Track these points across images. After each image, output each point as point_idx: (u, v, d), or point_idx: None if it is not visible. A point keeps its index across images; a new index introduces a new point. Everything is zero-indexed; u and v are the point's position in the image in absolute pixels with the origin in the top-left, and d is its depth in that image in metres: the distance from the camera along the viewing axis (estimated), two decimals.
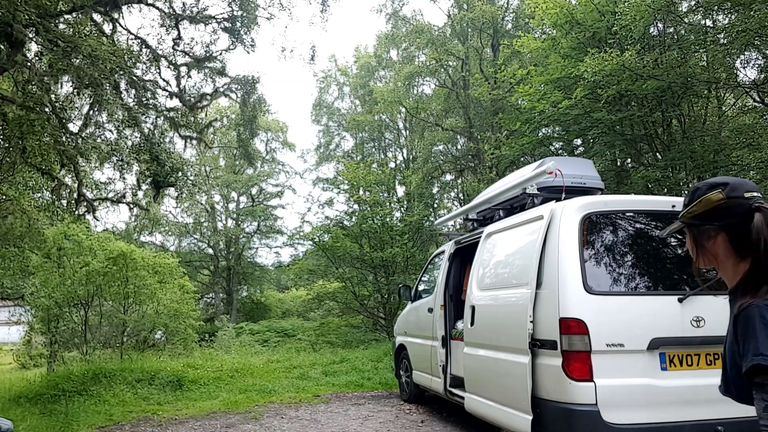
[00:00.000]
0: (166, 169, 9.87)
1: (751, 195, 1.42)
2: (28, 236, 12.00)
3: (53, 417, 6.38)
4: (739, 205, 1.40)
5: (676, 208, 3.78)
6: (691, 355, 3.40)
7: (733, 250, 1.45)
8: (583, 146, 11.98)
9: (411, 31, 18.70)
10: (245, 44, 11.26)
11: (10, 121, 8.69)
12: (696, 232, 1.53)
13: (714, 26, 8.49)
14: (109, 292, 9.53)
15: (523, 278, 3.80)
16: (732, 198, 1.42)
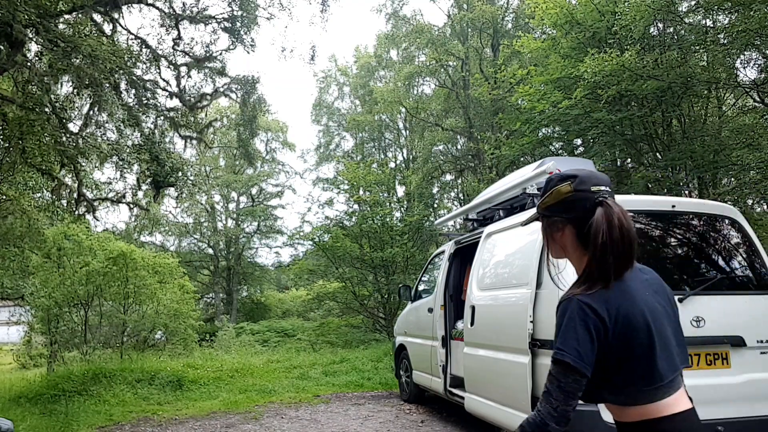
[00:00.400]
0: (166, 169, 9.87)
1: (598, 189, 1.40)
2: (28, 236, 12.00)
3: (53, 417, 6.38)
4: (585, 198, 1.39)
5: (676, 208, 3.78)
6: (690, 355, 3.40)
7: (578, 243, 1.43)
8: (583, 146, 11.99)
9: (411, 31, 18.70)
10: (245, 44, 11.26)
11: (10, 121, 8.69)
12: (547, 223, 1.51)
13: (714, 26, 8.49)
14: (109, 292, 9.54)
15: (523, 278, 3.80)
16: (579, 191, 1.40)
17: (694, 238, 3.89)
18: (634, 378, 1.31)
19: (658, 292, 1.42)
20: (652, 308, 1.35)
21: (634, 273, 1.39)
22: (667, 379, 1.31)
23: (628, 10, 8.27)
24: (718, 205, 4.06)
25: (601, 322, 1.30)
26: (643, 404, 1.31)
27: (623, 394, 1.34)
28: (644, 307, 1.34)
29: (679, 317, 1.45)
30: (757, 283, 3.72)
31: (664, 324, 1.36)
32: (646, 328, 1.32)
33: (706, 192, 9.11)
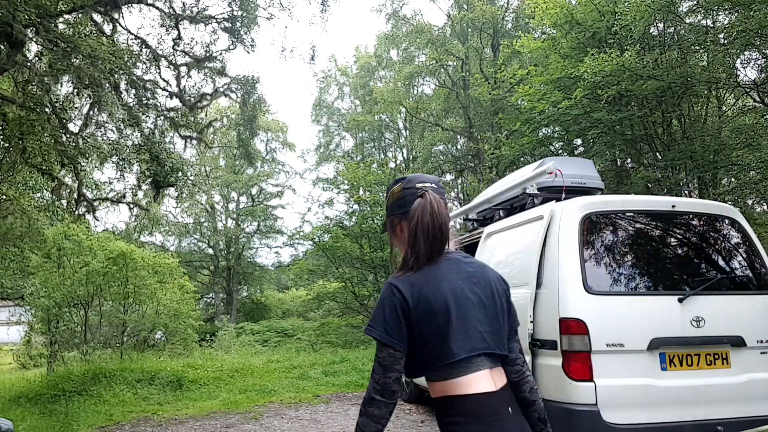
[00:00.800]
0: (166, 169, 9.88)
1: (422, 185, 1.58)
2: (28, 236, 12.00)
3: (53, 417, 6.38)
4: (411, 194, 1.57)
5: (676, 208, 3.78)
6: (691, 355, 3.40)
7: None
8: (583, 146, 11.99)
9: (411, 31, 18.71)
10: (245, 44, 11.27)
11: (10, 121, 8.70)
12: (389, 222, 1.68)
13: (714, 26, 8.49)
14: (109, 292, 9.53)
15: (523, 278, 3.80)
16: (407, 189, 1.59)
17: (694, 238, 3.88)
18: (432, 355, 1.45)
19: (477, 284, 1.54)
20: (458, 295, 1.48)
21: (453, 264, 1.54)
22: (458, 357, 1.42)
23: (628, 10, 8.28)
24: (718, 205, 4.05)
25: (405, 302, 1.44)
26: (441, 381, 1.46)
27: (426, 370, 1.49)
28: (448, 293, 1.47)
29: (508, 309, 1.59)
30: (757, 283, 3.72)
31: (470, 311, 1.48)
32: (445, 311, 1.44)
33: (706, 192, 9.11)
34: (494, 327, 1.52)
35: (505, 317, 1.58)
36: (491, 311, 1.53)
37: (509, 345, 1.58)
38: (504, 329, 1.56)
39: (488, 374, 1.47)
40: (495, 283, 1.59)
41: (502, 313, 1.57)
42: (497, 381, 1.49)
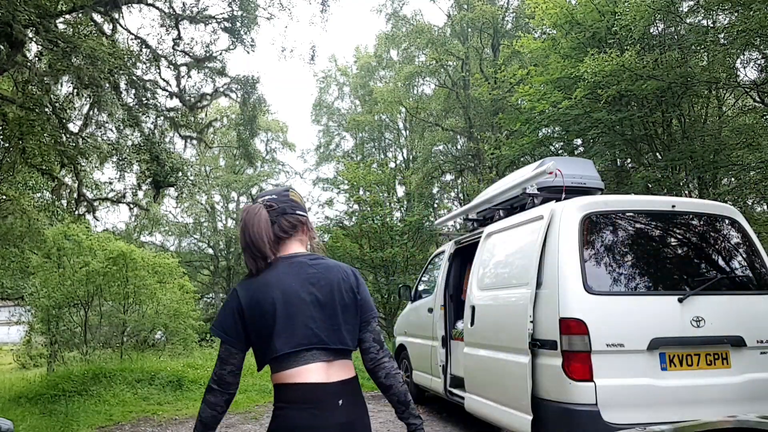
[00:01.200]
0: (166, 169, 9.89)
1: (261, 200, 1.74)
2: (28, 236, 12.00)
3: (53, 417, 6.37)
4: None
5: (676, 208, 3.78)
6: (691, 355, 3.40)
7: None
8: (583, 146, 11.99)
9: (411, 31, 18.71)
10: (245, 44, 11.28)
11: (10, 121, 8.70)
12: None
13: (714, 26, 8.49)
14: (109, 292, 9.51)
15: (523, 278, 3.80)
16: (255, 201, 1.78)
17: (694, 238, 3.88)
18: (263, 350, 1.63)
19: (315, 285, 1.67)
20: (289, 297, 1.62)
21: (294, 267, 1.69)
22: (281, 352, 1.58)
23: (628, 10, 8.28)
24: (718, 205, 4.06)
25: (240, 305, 1.62)
26: (275, 372, 1.63)
27: (262, 363, 1.66)
28: (278, 295, 1.61)
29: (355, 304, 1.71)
30: (757, 283, 3.72)
31: (301, 310, 1.62)
32: (272, 312, 1.60)
33: (706, 192, 9.12)
34: (331, 323, 1.65)
35: (351, 312, 1.70)
36: (329, 309, 1.65)
37: (361, 336, 1.72)
38: (346, 324, 1.68)
39: (320, 367, 1.61)
40: (338, 282, 1.70)
41: (344, 309, 1.68)
42: (333, 374, 1.62)
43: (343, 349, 1.66)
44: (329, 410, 1.60)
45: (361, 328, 1.73)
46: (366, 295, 1.77)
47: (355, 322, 1.72)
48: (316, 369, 1.61)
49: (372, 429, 1.74)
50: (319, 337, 1.62)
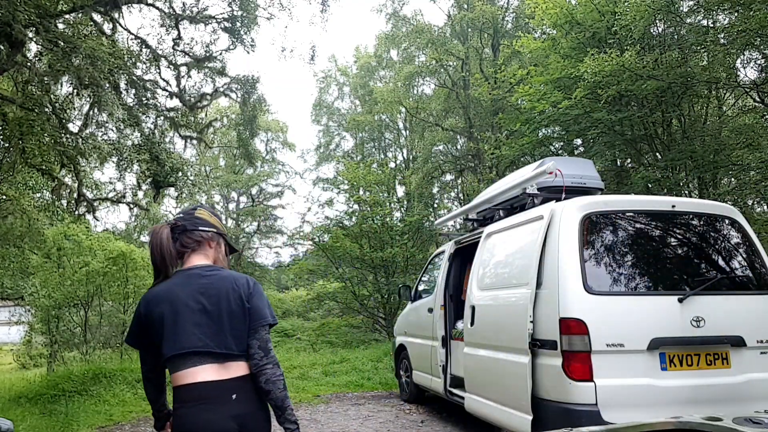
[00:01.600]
0: (166, 169, 9.89)
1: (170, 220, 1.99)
2: (28, 236, 12.00)
3: (53, 417, 6.37)
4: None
5: (676, 208, 3.78)
6: (691, 355, 3.40)
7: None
8: (583, 146, 11.99)
9: (411, 31, 18.71)
10: (245, 44, 11.28)
11: (10, 121, 8.70)
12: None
13: (714, 26, 8.49)
14: (109, 292, 9.51)
15: (523, 278, 3.80)
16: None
17: (694, 238, 3.88)
18: (156, 354, 1.82)
19: (204, 294, 1.82)
20: (176, 306, 1.79)
21: (187, 278, 1.86)
22: (168, 355, 1.76)
23: (628, 10, 8.28)
24: (718, 205, 4.05)
25: (140, 313, 1.85)
26: (171, 373, 1.80)
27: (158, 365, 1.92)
28: (166, 304, 1.79)
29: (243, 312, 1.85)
30: (757, 283, 3.72)
31: (187, 317, 1.78)
32: (160, 319, 1.78)
33: (706, 192, 9.11)
34: (216, 329, 1.80)
35: (239, 319, 1.84)
36: (215, 316, 1.81)
37: (248, 341, 1.84)
38: (233, 330, 1.82)
39: (211, 368, 1.78)
40: (227, 291, 1.85)
41: (231, 316, 1.83)
42: (224, 372, 1.79)
43: (229, 354, 1.80)
44: (223, 404, 1.76)
45: (249, 335, 1.84)
46: (257, 304, 1.90)
47: (243, 328, 1.83)
48: (207, 369, 1.77)
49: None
50: (204, 341, 1.78)
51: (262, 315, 1.90)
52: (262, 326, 1.88)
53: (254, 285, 1.95)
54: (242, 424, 1.79)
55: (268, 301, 2.02)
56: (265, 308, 1.94)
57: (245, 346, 1.83)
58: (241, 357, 1.82)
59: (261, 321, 1.89)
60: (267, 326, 1.91)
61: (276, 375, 1.86)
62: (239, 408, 1.79)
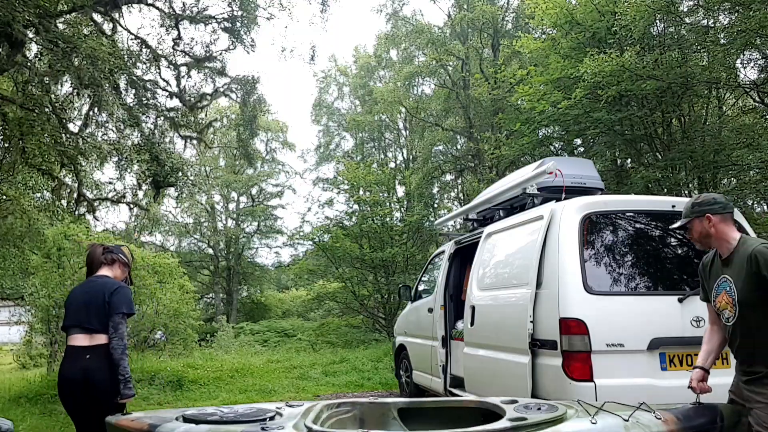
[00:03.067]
0: (166, 169, 9.89)
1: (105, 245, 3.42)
2: (28, 236, 12.00)
3: (53, 417, 6.38)
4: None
5: (676, 208, 3.78)
6: (691, 355, 3.39)
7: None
8: (583, 146, 11.99)
9: (411, 31, 18.71)
10: (245, 44, 11.29)
11: (10, 121, 8.70)
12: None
13: (714, 26, 8.49)
14: None
15: (523, 278, 3.80)
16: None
17: None
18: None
19: (89, 292, 3.09)
20: (75, 297, 3.13)
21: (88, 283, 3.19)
22: (62, 326, 3.18)
23: (628, 10, 8.27)
24: None
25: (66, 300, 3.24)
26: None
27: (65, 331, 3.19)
28: (71, 297, 3.16)
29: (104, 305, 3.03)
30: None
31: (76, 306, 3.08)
32: (67, 305, 3.14)
33: (705, 192, 9.10)
34: (89, 313, 3.02)
35: (103, 310, 3.02)
36: (92, 306, 3.03)
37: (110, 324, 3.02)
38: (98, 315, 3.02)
39: (83, 337, 3.02)
40: (101, 292, 3.06)
41: (98, 307, 3.03)
42: (88, 341, 3.02)
43: (93, 329, 3.02)
44: (80, 360, 2.99)
45: (110, 320, 3.02)
46: (115, 300, 3.03)
47: (105, 314, 3.02)
48: (79, 338, 3.03)
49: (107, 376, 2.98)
50: (80, 320, 3.04)
51: (116, 308, 3.03)
52: (116, 313, 3.02)
53: (117, 290, 3.09)
54: (86, 374, 2.95)
55: (129, 299, 3.14)
56: (121, 303, 3.05)
57: (105, 326, 3.02)
58: (103, 332, 3.02)
59: (116, 311, 3.02)
60: (119, 314, 3.03)
61: (118, 344, 3.01)
62: (89, 363, 2.98)
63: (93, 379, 2.94)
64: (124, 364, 2.99)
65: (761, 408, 2.30)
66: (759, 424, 2.30)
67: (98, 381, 2.94)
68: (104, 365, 2.96)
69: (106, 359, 2.96)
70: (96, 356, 2.97)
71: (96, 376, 2.94)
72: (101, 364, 2.96)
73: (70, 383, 2.97)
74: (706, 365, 2.65)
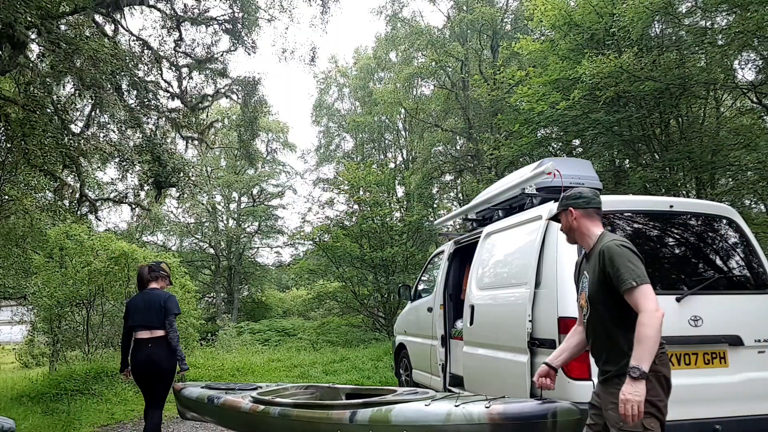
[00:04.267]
0: (168, 169, 9.93)
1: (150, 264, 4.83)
2: (31, 236, 12.04)
3: (55, 416, 6.41)
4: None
5: (674, 208, 3.82)
6: (689, 354, 3.43)
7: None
8: (582, 147, 12.03)
9: (410, 33, 18.74)
10: (246, 46, 11.32)
11: (13, 121, 8.74)
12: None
13: (712, 27, 8.53)
14: (111, 291, 9.52)
15: (522, 278, 3.84)
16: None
17: (692, 238, 3.92)
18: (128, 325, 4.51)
19: (147, 301, 4.38)
20: (136, 304, 4.43)
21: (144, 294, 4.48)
22: (129, 325, 4.44)
23: (627, 11, 8.31)
24: (715, 205, 4.09)
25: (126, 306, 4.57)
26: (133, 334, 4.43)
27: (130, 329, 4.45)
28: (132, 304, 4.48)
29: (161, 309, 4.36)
30: (754, 282, 3.75)
31: (138, 310, 4.36)
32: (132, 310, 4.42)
33: (703, 192, 9.16)
34: (150, 316, 4.31)
35: (160, 312, 4.32)
36: (152, 310, 4.32)
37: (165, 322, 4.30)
38: (157, 315, 4.31)
39: (146, 332, 4.30)
40: (156, 300, 4.34)
41: (157, 310, 4.32)
42: (150, 335, 4.29)
43: (153, 326, 4.30)
44: (145, 348, 4.27)
45: (166, 319, 4.31)
46: (168, 305, 4.32)
47: (161, 316, 4.31)
48: (144, 333, 4.29)
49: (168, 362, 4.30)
50: (143, 321, 4.31)
51: (170, 311, 4.32)
52: (170, 314, 4.31)
53: (169, 300, 4.38)
54: (150, 359, 4.25)
55: (177, 303, 4.43)
56: (173, 307, 4.35)
57: (162, 323, 4.31)
58: (161, 328, 4.31)
59: (170, 313, 4.32)
60: (173, 314, 4.32)
61: (173, 336, 4.29)
62: (152, 350, 4.27)
63: (154, 360, 4.25)
64: (179, 349, 4.34)
65: (613, 409, 2.25)
66: (612, 425, 2.27)
67: (158, 361, 4.26)
68: (162, 350, 4.27)
69: (163, 346, 4.27)
70: (155, 345, 4.28)
71: (156, 358, 4.26)
72: (159, 350, 4.27)
73: (140, 364, 4.27)
74: (555, 362, 2.60)
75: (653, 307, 2.20)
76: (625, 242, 2.38)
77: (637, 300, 2.22)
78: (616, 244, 2.35)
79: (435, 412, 2.92)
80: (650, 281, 3.70)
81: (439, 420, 2.85)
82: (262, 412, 3.60)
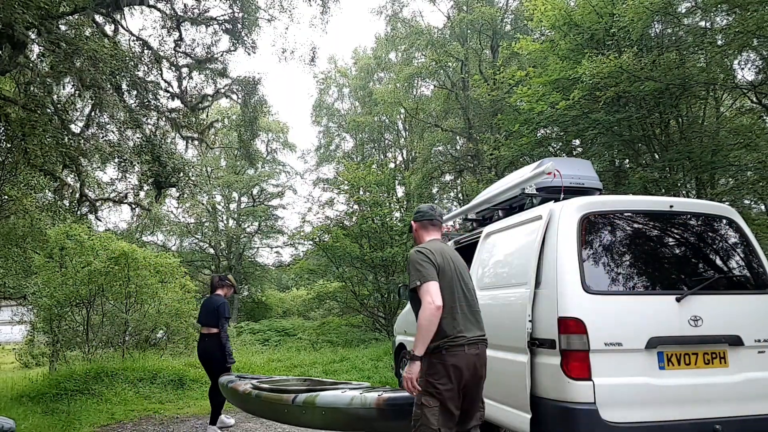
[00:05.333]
0: (168, 169, 9.92)
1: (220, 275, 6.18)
2: (31, 236, 12.04)
3: (55, 416, 6.41)
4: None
5: (674, 208, 3.81)
6: (689, 354, 3.42)
7: None
8: (582, 147, 12.04)
9: (410, 33, 18.74)
10: (246, 46, 11.32)
11: (13, 122, 8.73)
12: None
13: (712, 27, 8.54)
14: (111, 291, 9.53)
15: (522, 278, 3.83)
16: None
17: (692, 238, 3.91)
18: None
19: (207, 306, 5.77)
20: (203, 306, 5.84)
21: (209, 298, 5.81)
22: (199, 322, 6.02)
23: (626, 11, 8.31)
24: (715, 205, 4.08)
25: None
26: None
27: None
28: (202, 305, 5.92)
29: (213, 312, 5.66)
30: (754, 282, 3.74)
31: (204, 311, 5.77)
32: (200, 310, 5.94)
33: (703, 192, 9.16)
34: (208, 315, 5.70)
35: (216, 314, 5.60)
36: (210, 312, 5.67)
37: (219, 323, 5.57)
38: (213, 317, 5.59)
39: (205, 329, 5.65)
40: (214, 305, 5.67)
41: (212, 312, 5.62)
42: (207, 331, 5.63)
43: (210, 324, 5.57)
44: (203, 341, 5.62)
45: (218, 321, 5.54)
46: (221, 309, 5.54)
47: (215, 317, 5.54)
48: (204, 329, 5.64)
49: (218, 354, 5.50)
50: (204, 320, 5.64)
51: (221, 315, 5.49)
52: (222, 317, 5.47)
53: (221, 305, 5.55)
54: (205, 350, 5.57)
55: (226, 307, 5.53)
56: (223, 311, 5.48)
57: (216, 323, 5.50)
58: (214, 326, 5.51)
59: (221, 316, 5.48)
60: (223, 318, 5.46)
61: (224, 335, 5.49)
62: (205, 344, 5.57)
63: (208, 351, 5.53)
64: (228, 346, 5.48)
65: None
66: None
67: (210, 353, 5.51)
68: (214, 344, 5.48)
69: (214, 341, 5.48)
70: (210, 339, 5.51)
71: (209, 350, 5.52)
72: (212, 344, 5.49)
73: (198, 353, 5.67)
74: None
75: (429, 300, 2.73)
76: (422, 248, 2.92)
77: (420, 295, 2.79)
78: (415, 250, 2.90)
79: (343, 397, 3.84)
80: (650, 281, 3.70)
81: (345, 403, 3.78)
82: (248, 393, 4.65)
